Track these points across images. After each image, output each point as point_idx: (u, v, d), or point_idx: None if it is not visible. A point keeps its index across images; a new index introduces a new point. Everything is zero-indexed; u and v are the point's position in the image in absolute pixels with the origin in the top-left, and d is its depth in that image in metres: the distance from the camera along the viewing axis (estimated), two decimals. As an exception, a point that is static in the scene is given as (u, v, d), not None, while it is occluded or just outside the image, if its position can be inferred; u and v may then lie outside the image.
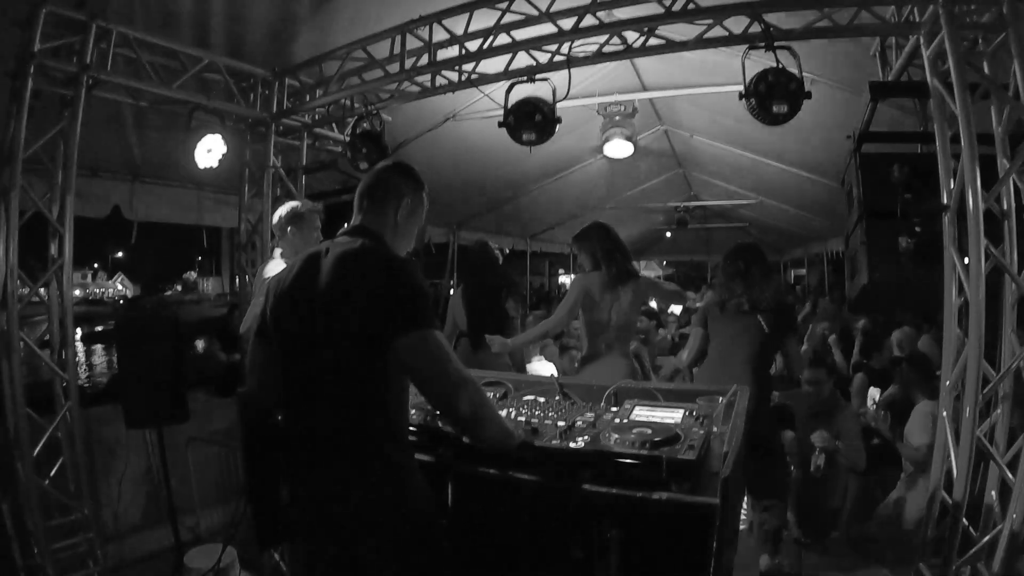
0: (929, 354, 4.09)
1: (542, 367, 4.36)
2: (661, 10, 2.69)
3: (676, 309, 7.05)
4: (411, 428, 1.57)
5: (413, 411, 1.75)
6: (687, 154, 7.49)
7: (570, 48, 2.90)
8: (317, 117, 4.06)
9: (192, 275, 60.04)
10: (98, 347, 24.13)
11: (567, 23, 2.88)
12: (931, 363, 3.76)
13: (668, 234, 11.85)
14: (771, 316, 2.96)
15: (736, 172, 7.32)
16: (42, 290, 2.98)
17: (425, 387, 1.37)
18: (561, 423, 1.63)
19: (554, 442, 1.50)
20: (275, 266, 2.94)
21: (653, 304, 6.94)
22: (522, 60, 3.11)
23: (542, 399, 1.96)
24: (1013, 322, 2.29)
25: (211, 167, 3.47)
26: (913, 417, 3.56)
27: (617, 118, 5.09)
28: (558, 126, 3.10)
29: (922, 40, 2.45)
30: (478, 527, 1.56)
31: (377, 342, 1.33)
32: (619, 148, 5.12)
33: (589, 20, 2.82)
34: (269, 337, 1.54)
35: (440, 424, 1.67)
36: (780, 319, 3.00)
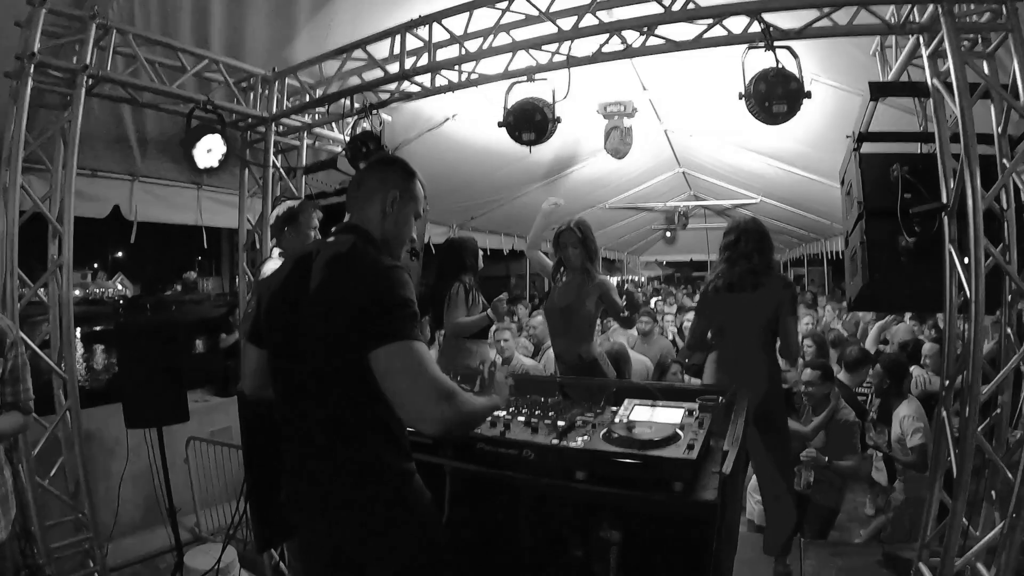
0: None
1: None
2: (661, 10, 2.69)
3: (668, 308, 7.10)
4: (409, 429, 1.56)
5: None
6: (687, 154, 7.49)
7: (570, 48, 2.90)
8: (317, 117, 4.06)
9: (192, 275, 60.08)
10: (98, 347, 24.18)
11: (567, 23, 2.88)
12: (903, 368, 3.80)
13: (668, 234, 11.87)
14: (760, 297, 2.96)
15: (736, 172, 7.32)
16: (42, 290, 2.98)
17: (396, 400, 1.28)
18: (561, 423, 1.63)
19: (554, 442, 1.50)
20: (273, 265, 2.94)
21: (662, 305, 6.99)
22: (522, 60, 3.10)
23: (542, 399, 1.96)
24: (1013, 322, 2.29)
25: (211, 167, 3.47)
26: (896, 423, 3.58)
27: (617, 118, 5.09)
28: (558, 126, 3.10)
29: (922, 40, 2.45)
30: (478, 527, 1.56)
31: (357, 350, 1.30)
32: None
33: (589, 20, 2.81)
34: (262, 340, 1.54)
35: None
36: (770, 300, 2.96)
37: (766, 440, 2.99)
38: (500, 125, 3.11)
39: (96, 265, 59.07)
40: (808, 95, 2.60)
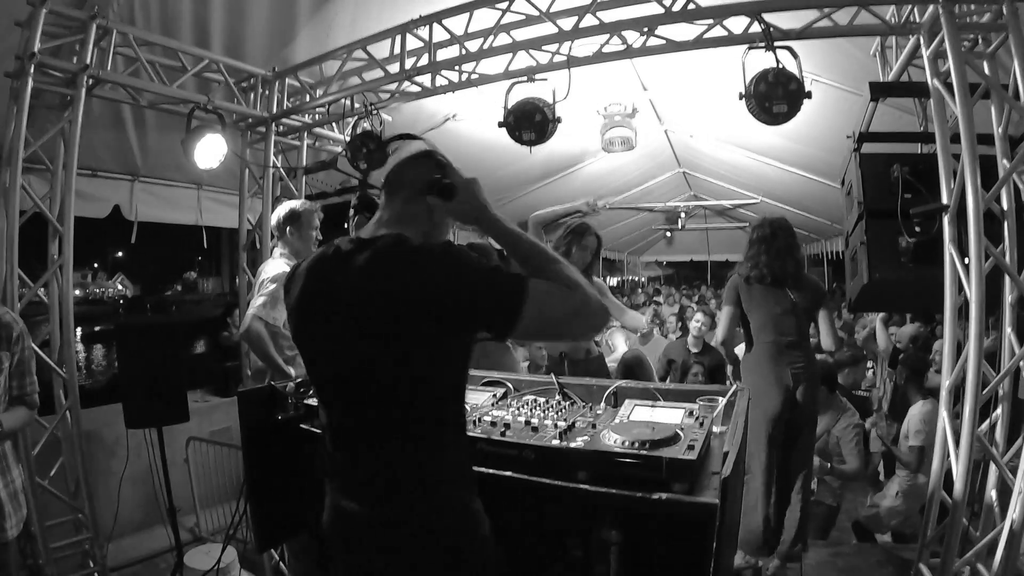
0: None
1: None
2: (661, 10, 2.69)
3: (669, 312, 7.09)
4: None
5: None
6: (687, 154, 7.49)
7: (570, 48, 2.90)
8: (317, 117, 4.06)
9: (192, 275, 60.15)
10: (98, 347, 24.21)
11: (567, 23, 2.88)
12: (921, 361, 3.84)
13: (668, 234, 11.86)
14: (799, 291, 3.06)
15: (736, 172, 7.32)
16: (42, 290, 2.98)
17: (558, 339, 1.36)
18: (561, 423, 1.63)
19: (554, 442, 1.50)
20: (275, 266, 2.95)
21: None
22: (522, 60, 3.10)
23: (542, 399, 1.96)
24: (1013, 322, 2.29)
25: (211, 167, 3.48)
26: (907, 419, 3.62)
27: (617, 118, 5.09)
28: (558, 126, 3.10)
29: (922, 40, 2.45)
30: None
31: (464, 337, 1.22)
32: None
33: (589, 20, 2.81)
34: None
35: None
36: (809, 293, 3.09)
37: (802, 438, 3.03)
38: (500, 125, 3.11)
39: (96, 265, 59.10)
40: (808, 95, 2.60)
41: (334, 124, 4.15)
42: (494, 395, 2.01)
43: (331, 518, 1.30)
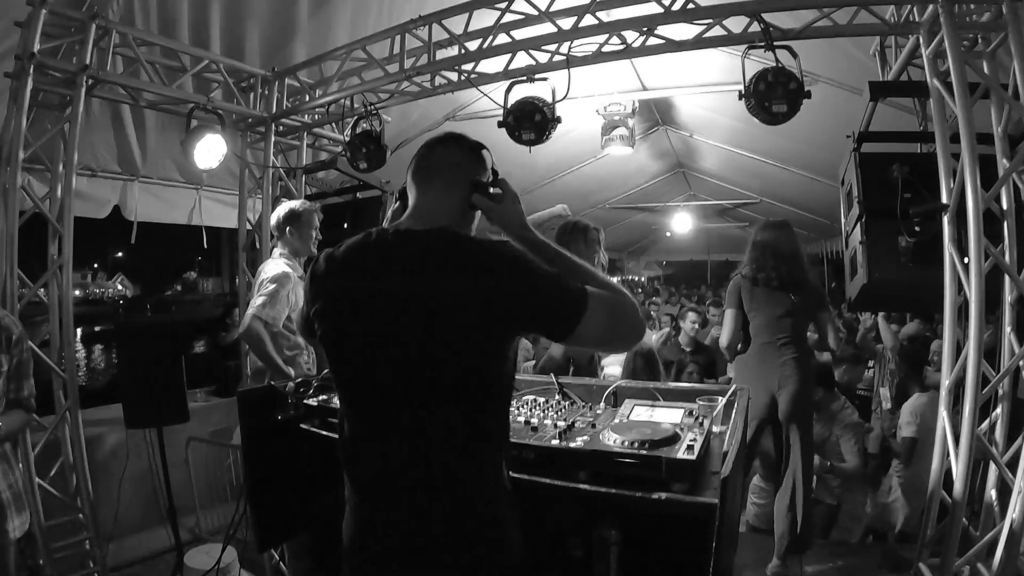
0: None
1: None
2: (660, 10, 2.69)
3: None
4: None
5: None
6: (687, 154, 7.49)
7: (569, 48, 2.90)
8: (317, 117, 4.06)
9: (192, 275, 60.24)
10: (98, 347, 24.25)
11: (566, 23, 2.88)
12: (919, 354, 3.86)
13: (668, 234, 11.86)
14: (801, 295, 3.06)
15: (736, 172, 7.33)
16: (42, 290, 2.98)
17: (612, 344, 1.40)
18: (561, 423, 1.63)
19: (554, 442, 1.50)
20: (274, 266, 2.95)
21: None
22: (521, 60, 3.11)
23: (542, 399, 1.96)
24: (1012, 322, 2.29)
25: (211, 167, 3.48)
26: (901, 412, 3.65)
27: (617, 118, 5.10)
28: (558, 126, 3.10)
29: (922, 40, 2.45)
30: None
31: (506, 339, 1.17)
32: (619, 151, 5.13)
33: (588, 20, 2.82)
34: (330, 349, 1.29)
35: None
36: (810, 296, 3.10)
37: (797, 437, 3.03)
38: (500, 125, 3.10)
39: (96, 265, 59.16)
40: (808, 95, 2.60)
41: (333, 124, 4.15)
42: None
43: (345, 517, 1.28)
